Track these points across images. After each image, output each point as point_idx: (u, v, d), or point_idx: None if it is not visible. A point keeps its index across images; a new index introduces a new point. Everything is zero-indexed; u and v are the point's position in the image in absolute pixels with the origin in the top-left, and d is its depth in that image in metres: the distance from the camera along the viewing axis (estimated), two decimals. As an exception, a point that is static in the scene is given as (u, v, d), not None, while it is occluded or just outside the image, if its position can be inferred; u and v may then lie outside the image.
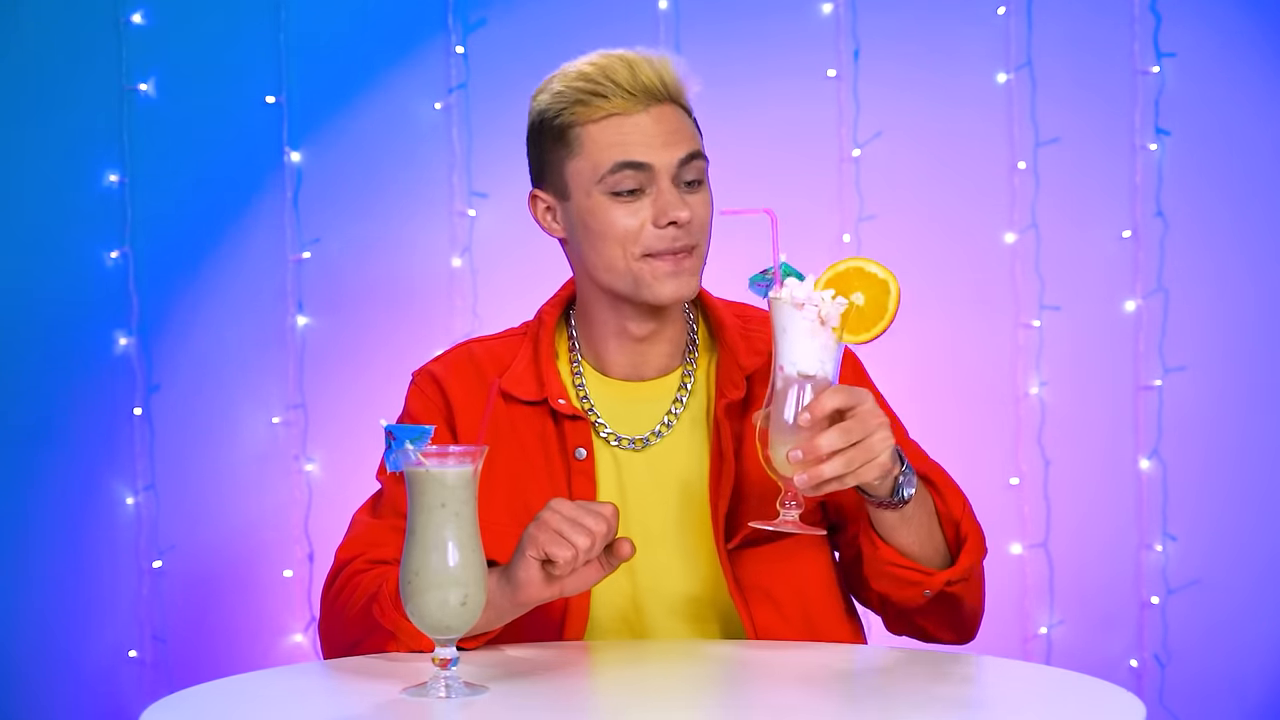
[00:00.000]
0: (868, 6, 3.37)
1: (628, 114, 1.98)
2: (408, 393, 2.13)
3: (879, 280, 1.82)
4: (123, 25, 3.37)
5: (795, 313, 1.80)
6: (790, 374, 1.79)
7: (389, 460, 1.69)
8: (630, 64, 1.99)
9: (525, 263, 3.38)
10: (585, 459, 2.02)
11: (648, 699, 1.74)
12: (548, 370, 2.06)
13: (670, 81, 2.00)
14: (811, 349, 1.80)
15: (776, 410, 1.80)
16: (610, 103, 1.98)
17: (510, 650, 1.91)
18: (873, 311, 1.81)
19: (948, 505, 1.96)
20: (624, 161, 1.97)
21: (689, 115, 2.04)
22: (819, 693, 1.69)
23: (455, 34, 3.38)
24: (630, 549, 1.84)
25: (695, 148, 2.01)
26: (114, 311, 3.38)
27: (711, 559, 2.02)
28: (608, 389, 2.07)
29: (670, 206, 1.97)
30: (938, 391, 3.30)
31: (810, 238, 3.36)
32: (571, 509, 1.81)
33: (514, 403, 2.05)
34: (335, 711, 1.67)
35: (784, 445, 1.78)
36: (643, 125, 1.98)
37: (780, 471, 1.79)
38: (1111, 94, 3.36)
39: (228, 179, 3.39)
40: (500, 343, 2.13)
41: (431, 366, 2.12)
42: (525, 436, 2.04)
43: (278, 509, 3.39)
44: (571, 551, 1.78)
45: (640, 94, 1.98)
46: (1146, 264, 3.37)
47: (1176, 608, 3.37)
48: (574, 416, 2.03)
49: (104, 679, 3.39)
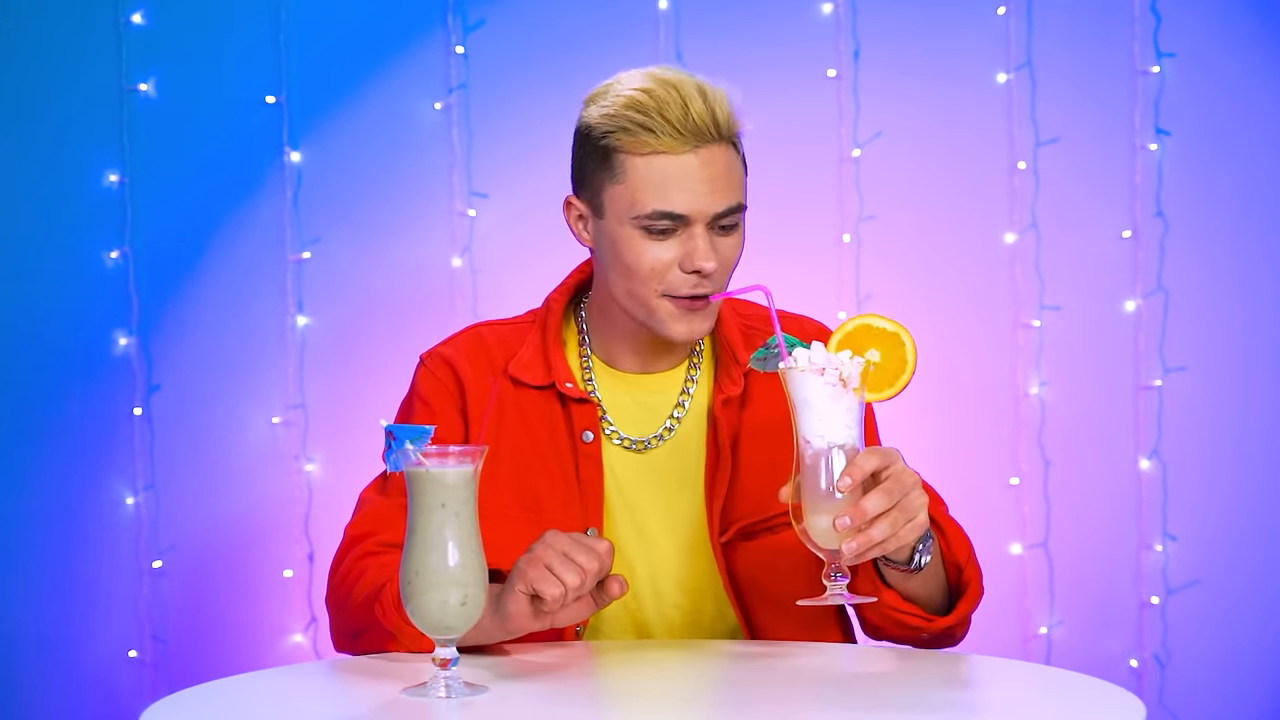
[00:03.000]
0: (868, 6, 3.37)
1: (674, 154, 1.93)
2: (416, 374, 2.12)
3: (890, 334, 1.77)
4: (123, 25, 3.37)
5: (815, 380, 1.74)
6: (820, 446, 1.74)
7: (389, 460, 1.68)
8: (685, 98, 1.92)
9: (525, 263, 3.38)
10: (592, 442, 2.02)
11: (648, 699, 1.74)
12: (555, 356, 2.06)
13: (724, 120, 1.94)
14: (837, 415, 1.74)
15: (809, 482, 1.75)
16: (658, 140, 1.93)
17: (510, 650, 1.91)
18: (891, 366, 1.77)
19: (952, 549, 1.96)
20: (662, 211, 1.94)
21: (738, 151, 1.99)
22: (818, 693, 1.69)
23: (455, 34, 3.38)
24: (620, 588, 1.83)
25: (736, 200, 1.96)
26: (114, 311, 3.38)
27: (707, 553, 2.03)
28: (615, 381, 2.07)
29: (699, 255, 1.94)
30: (938, 391, 3.30)
31: (810, 238, 3.36)
32: (565, 543, 1.79)
33: (522, 388, 2.06)
34: (335, 711, 1.67)
35: (823, 516, 1.73)
36: (688, 170, 1.93)
37: (822, 544, 1.75)
38: (1111, 94, 3.36)
39: (227, 179, 3.39)
40: (509, 328, 2.13)
41: (442, 349, 2.12)
42: (532, 422, 2.04)
43: (278, 509, 3.39)
44: (560, 589, 1.76)
45: (689, 134, 1.93)
46: (1146, 264, 3.37)
47: (1176, 608, 3.37)
48: (581, 400, 2.04)
49: (104, 679, 3.39)
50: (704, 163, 1.93)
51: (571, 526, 2.00)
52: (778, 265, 3.39)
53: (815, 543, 1.75)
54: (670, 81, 1.94)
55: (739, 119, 1.97)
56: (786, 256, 3.35)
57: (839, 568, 1.75)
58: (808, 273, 3.35)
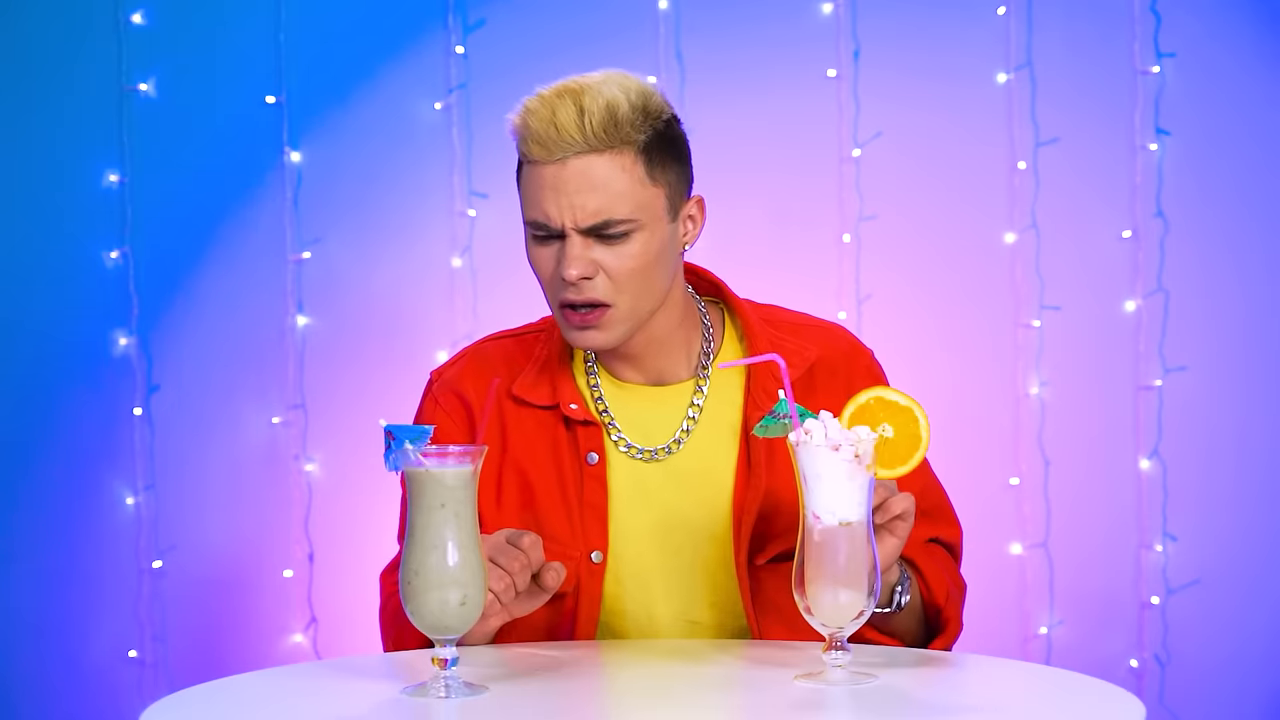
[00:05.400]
0: (868, 6, 3.37)
1: (542, 164, 1.92)
2: (423, 400, 2.11)
3: (903, 408, 1.75)
4: (123, 25, 3.37)
5: (830, 456, 1.69)
6: (830, 523, 1.70)
7: (389, 460, 1.69)
8: (554, 109, 1.91)
9: (525, 263, 3.38)
10: (597, 463, 2.01)
11: (648, 699, 1.74)
12: (561, 375, 2.05)
13: (595, 131, 1.90)
14: (850, 492, 1.70)
15: (816, 558, 1.71)
16: (530, 149, 1.93)
17: (510, 650, 1.91)
18: (904, 441, 1.75)
19: (932, 592, 2.00)
20: (531, 219, 1.96)
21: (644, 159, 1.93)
22: (820, 693, 1.69)
23: (455, 34, 3.38)
24: (555, 579, 1.85)
25: (610, 214, 1.91)
26: (114, 311, 3.38)
27: (729, 571, 2.00)
28: (623, 394, 2.05)
29: (563, 263, 1.93)
30: (938, 391, 3.30)
31: (810, 238, 3.36)
32: (491, 546, 1.83)
33: (526, 407, 2.04)
34: (335, 711, 1.67)
35: (829, 592, 1.70)
36: (554, 180, 1.92)
37: (826, 620, 1.71)
38: (1111, 94, 3.36)
39: (228, 179, 3.39)
40: (516, 343, 2.11)
41: (448, 374, 2.10)
42: (537, 442, 2.03)
43: (278, 509, 3.39)
44: (488, 596, 1.79)
45: (552, 145, 1.91)
46: (1146, 264, 3.37)
47: (1176, 608, 3.37)
48: (586, 422, 2.02)
49: (104, 679, 3.39)
50: (571, 172, 1.91)
51: (574, 548, 1.99)
52: (778, 265, 3.40)
53: (820, 619, 1.72)
54: (565, 90, 1.93)
55: (632, 129, 1.91)
56: (786, 256, 3.36)
57: (840, 644, 1.72)
58: (808, 273, 3.35)
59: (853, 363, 2.07)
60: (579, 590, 1.99)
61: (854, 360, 2.07)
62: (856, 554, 1.71)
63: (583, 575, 1.99)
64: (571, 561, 1.98)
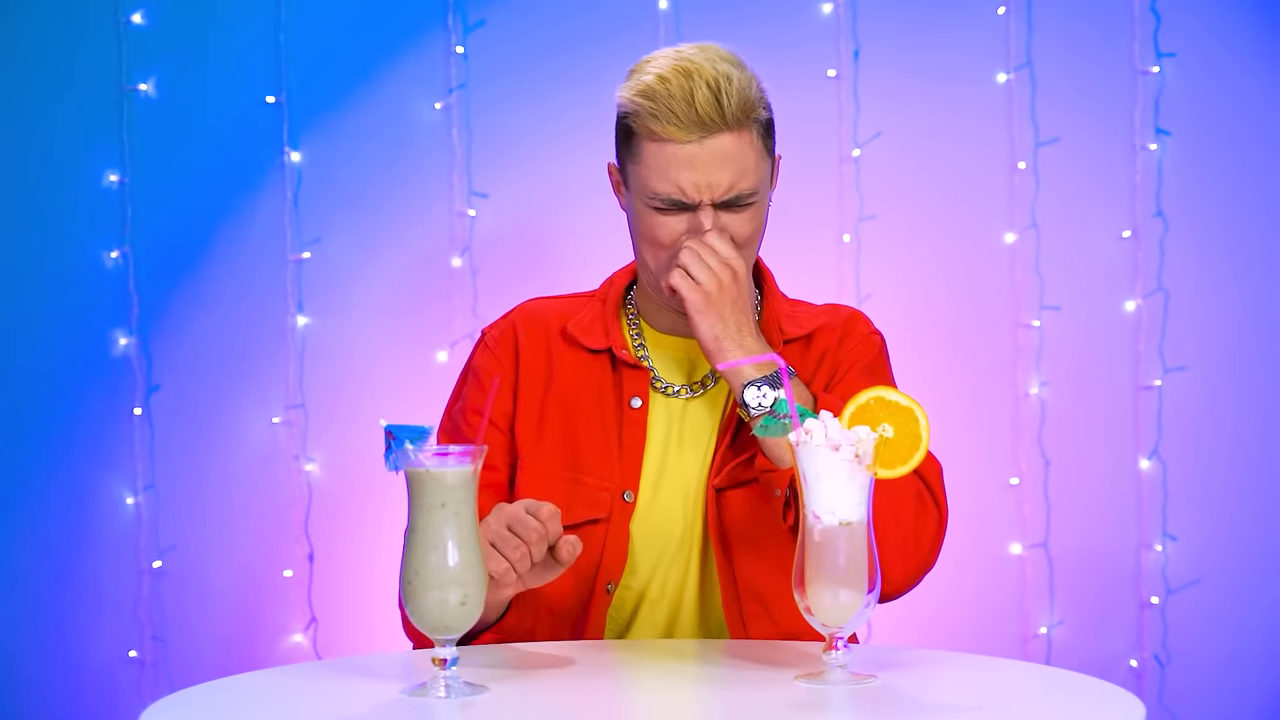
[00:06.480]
0: (868, 6, 3.37)
1: (679, 143, 2.01)
2: (474, 351, 2.20)
3: (903, 408, 1.76)
4: (123, 25, 3.37)
5: (830, 456, 1.71)
6: (830, 523, 1.71)
7: (389, 460, 1.69)
8: (693, 89, 2.00)
9: (525, 263, 3.38)
10: (640, 408, 2.10)
11: (648, 698, 1.74)
12: (613, 323, 2.15)
13: (732, 111, 2.01)
14: (850, 492, 1.71)
15: (815, 558, 1.71)
16: (664, 128, 2.01)
17: (510, 650, 1.92)
18: (904, 441, 1.75)
19: None
20: (666, 195, 2.03)
21: (759, 135, 2.05)
22: (819, 693, 1.69)
23: (455, 34, 3.38)
24: (571, 553, 1.88)
25: (743, 186, 2.03)
26: (114, 311, 3.38)
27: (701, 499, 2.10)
28: (662, 344, 2.15)
29: (703, 229, 2.04)
30: (938, 391, 3.30)
31: (810, 238, 3.36)
32: (509, 516, 1.85)
33: (577, 349, 2.14)
34: (335, 711, 1.68)
35: (828, 592, 1.70)
36: (691, 159, 2.02)
37: (826, 620, 1.72)
38: (1111, 94, 3.36)
39: (227, 179, 3.39)
40: (567, 301, 2.22)
41: (501, 321, 2.20)
42: (582, 385, 2.13)
43: (278, 509, 3.39)
44: (504, 565, 1.83)
45: (693, 125, 2.01)
46: (1146, 264, 3.37)
47: (1176, 608, 3.37)
48: (634, 365, 2.12)
49: (104, 679, 3.39)
50: (708, 152, 2.01)
51: (609, 488, 2.08)
52: (778, 265, 3.38)
53: (819, 618, 1.72)
54: (687, 70, 2.02)
55: (757, 107, 2.04)
56: (786, 256, 3.34)
57: (840, 644, 1.72)
58: (808, 273, 3.35)
59: (850, 326, 2.18)
60: (610, 521, 2.08)
61: (852, 324, 2.19)
62: (856, 554, 1.72)
63: (615, 510, 2.08)
64: (606, 494, 2.08)
